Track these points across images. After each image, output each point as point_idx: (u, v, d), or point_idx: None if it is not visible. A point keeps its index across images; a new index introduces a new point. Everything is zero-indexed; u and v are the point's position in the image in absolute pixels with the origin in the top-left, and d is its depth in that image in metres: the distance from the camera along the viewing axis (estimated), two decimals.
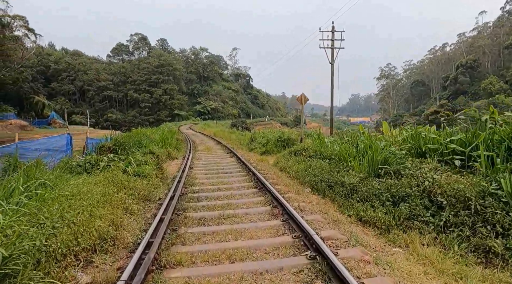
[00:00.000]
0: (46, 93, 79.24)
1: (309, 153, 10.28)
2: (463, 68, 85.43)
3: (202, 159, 13.41)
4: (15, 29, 58.02)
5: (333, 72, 14.09)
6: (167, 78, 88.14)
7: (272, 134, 16.94)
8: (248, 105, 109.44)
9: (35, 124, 59.47)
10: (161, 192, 7.27)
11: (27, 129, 55.41)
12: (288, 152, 11.96)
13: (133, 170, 7.55)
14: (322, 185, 7.00)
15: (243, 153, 14.85)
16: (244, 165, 10.82)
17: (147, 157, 10.05)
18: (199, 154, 15.26)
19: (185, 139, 22.95)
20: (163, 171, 8.88)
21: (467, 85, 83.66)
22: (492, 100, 71.73)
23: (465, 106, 73.75)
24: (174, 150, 15.27)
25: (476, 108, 50.66)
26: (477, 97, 78.12)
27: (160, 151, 13.45)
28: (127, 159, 8.81)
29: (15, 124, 55.80)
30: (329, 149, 9.45)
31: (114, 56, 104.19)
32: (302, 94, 13.63)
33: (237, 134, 26.83)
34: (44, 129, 57.03)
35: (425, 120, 74.44)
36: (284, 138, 15.08)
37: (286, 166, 9.94)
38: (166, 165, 11.70)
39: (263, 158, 13.00)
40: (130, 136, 14.30)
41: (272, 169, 10.36)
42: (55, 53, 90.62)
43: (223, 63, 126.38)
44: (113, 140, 12.57)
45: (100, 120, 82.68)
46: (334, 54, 14.03)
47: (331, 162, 8.49)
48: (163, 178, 8.51)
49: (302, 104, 13.67)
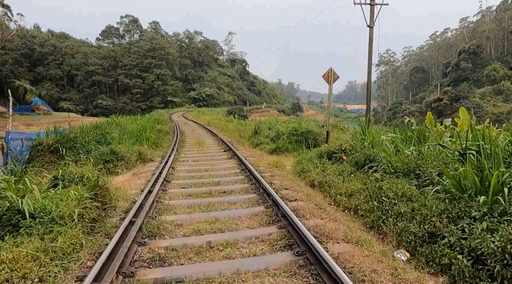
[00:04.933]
0: (31, 78, 74.56)
1: (357, 157, 6.37)
2: (466, 54, 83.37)
3: (189, 161, 9.44)
4: None
5: (372, 38, 10.05)
6: (160, 63, 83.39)
7: (284, 126, 12.97)
8: (244, 92, 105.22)
9: (16, 111, 55.07)
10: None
11: (5, 116, 50.94)
12: (316, 153, 8.01)
13: (33, 207, 3.60)
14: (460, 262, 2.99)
15: (246, 151, 10.90)
16: (251, 175, 6.91)
17: (88, 167, 6.02)
18: (186, 152, 11.27)
19: (173, 130, 18.87)
20: (109, 198, 4.84)
21: (470, 71, 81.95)
22: (497, 87, 68.73)
23: (468, 93, 70.79)
24: (151, 147, 11.23)
25: (480, 95, 47.37)
26: (479, 84, 76.76)
27: (130, 149, 9.46)
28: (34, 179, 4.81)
29: None
30: (404, 156, 5.47)
31: (104, 39, 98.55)
32: (330, 69, 9.67)
33: (235, 123, 22.76)
34: (26, 116, 52.74)
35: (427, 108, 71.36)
36: (302, 131, 11.10)
37: (322, 182, 6.02)
38: (129, 175, 7.72)
39: (275, 159, 9.07)
40: (89, 129, 10.30)
41: (297, 183, 6.46)
42: (40, 35, 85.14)
43: (218, 48, 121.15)
44: (56, 136, 8.53)
45: (89, 107, 78.55)
46: (374, 12, 10.00)
47: (419, 182, 4.60)
48: (99, 218, 4.33)
49: (330, 83, 9.70)
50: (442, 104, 69.38)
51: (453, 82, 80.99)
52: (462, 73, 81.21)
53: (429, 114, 7.62)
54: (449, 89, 71.02)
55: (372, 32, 10.11)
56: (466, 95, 69.65)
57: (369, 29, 10.13)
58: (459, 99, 69.38)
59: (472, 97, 68.64)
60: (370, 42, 10.16)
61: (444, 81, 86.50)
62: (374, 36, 10.06)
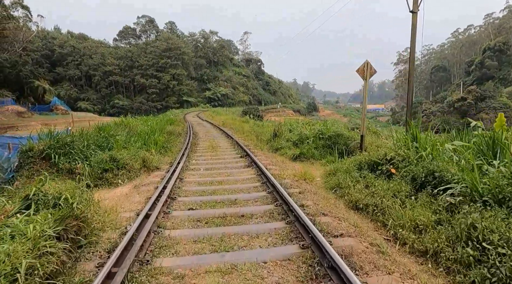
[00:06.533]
0: (51, 78, 76.27)
1: (414, 172, 4.88)
2: (491, 51, 79.14)
3: (201, 169, 8.16)
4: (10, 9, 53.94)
5: (415, 25, 8.47)
6: (176, 63, 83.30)
7: (307, 128, 11.51)
8: (259, 91, 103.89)
9: (35, 111, 56.08)
10: None
11: (25, 116, 51.75)
12: (353, 163, 6.54)
13: None
14: None
15: (265, 157, 9.52)
16: (275, 191, 5.54)
17: (69, 184, 4.77)
18: (198, 158, 10.01)
19: (186, 132, 17.71)
20: (88, 230, 3.54)
21: (495, 70, 77.76)
22: None
23: (495, 92, 66.87)
24: (159, 151, 10.00)
25: (508, 94, 43.68)
26: (506, 82, 72.28)
27: (136, 155, 8.27)
28: None
29: (11, 111, 52.19)
30: (493, 176, 3.94)
31: (121, 40, 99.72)
32: (367, 62, 8.16)
33: (251, 124, 21.39)
34: (44, 116, 53.47)
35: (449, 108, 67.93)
36: (330, 135, 9.61)
37: (371, 204, 4.57)
38: (129, 188, 6.49)
39: (300, 168, 7.65)
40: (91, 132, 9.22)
41: (335, 205, 5.04)
42: (60, 36, 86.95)
43: (233, 48, 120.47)
44: (49, 140, 7.44)
45: (106, 107, 79.57)
46: None
47: None
48: (64, 269, 2.96)
49: (366, 79, 8.21)
50: (466, 104, 65.88)
51: (477, 81, 77.07)
52: (486, 72, 77.04)
53: (501, 116, 5.99)
54: (474, 88, 67.33)
55: (415, 18, 8.54)
56: (492, 94, 65.78)
57: (412, 15, 8.55)
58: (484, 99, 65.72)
59: (499, 97, 64.75)
60: (413, 30, 8.57)
61: (467, 80, 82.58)
62: (418, 22, 8.48)
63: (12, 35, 52.97)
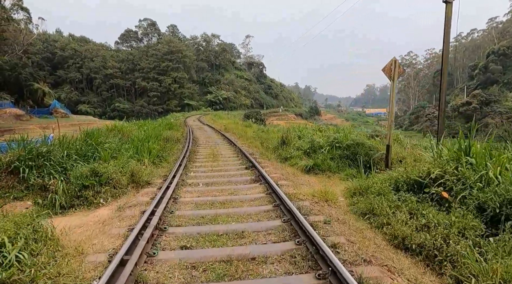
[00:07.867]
0: (52, 81, 75.81)
1: (481, 200, 3.65)
2: (495, 55, 78.20)
3: (200, 185, 6.94)
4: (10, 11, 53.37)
5: (450, 17, 7.28)
6: (177, 66, 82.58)
7: (319, 135, 10.28)
8: (261, 95, 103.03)
9: (34, 114, 55.20)
10: None
11: (23, 119, 50.82)
12: (387, 182, 5.31)
13: None
14: None
15: (274, 169, 8.29)
16: (293, 220, 4.32)
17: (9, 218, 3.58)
18: (197, 169, 8.78)
19: (185, 137, 16.51)
20: None
21: (499, 74, 76.90)
22: None
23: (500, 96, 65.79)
24: (153, 161, 8.79)
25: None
26: (510, 87, 71.26)
27: (125, 166, 7.06)
28: None
29: (10, 114, 51.37)
30: None
31: (123, 43, 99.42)
32: (394, 60, 6.95)
33: (254, 129, 20.17)
34: (44, 119, 52.61)
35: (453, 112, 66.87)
36: (349, 144, 8.37)
37: (429, 247, 3.34)
38: (111, 210, 5.25)
39: (316, 182, 6.42)
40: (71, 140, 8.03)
41: (373, 242, 3.79)
42: (61, 39, 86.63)
43: (235, 52, 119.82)
44: (18, 150, 6.25)
45: (107, 110, 78.89)
46: None
47: None
48: None
49: (394, 79, 7.01)
50: (471, 108, 64.93)
51: (480, 85, 76.08)
52: (491, 76, 75.84)
53: None
54: (479, 93, 66.18)
55: (450, 9, 7.37)
56: (497, 99, 64.69)
57: (446, 6, 7.39)
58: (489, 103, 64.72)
59: (504, 101, 63.60)
60: (447, 22, 7.39)
61: (471, 84, 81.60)
62: (453, 14, 7.33)
63: (12, 37, 52.29)
